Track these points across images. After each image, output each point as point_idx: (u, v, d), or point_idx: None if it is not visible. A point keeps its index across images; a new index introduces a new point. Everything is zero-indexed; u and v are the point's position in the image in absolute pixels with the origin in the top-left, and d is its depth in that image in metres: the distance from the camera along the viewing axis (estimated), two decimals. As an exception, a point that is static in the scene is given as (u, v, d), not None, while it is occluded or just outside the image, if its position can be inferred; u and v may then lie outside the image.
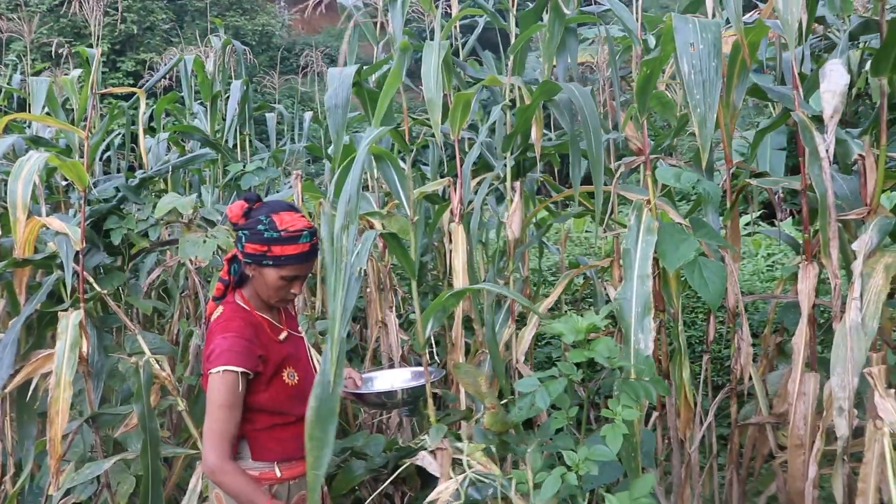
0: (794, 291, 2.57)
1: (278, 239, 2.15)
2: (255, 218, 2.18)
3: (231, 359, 2.08)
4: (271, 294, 2.23)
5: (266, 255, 2.15)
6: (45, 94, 3.61)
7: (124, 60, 15.71)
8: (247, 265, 2.22)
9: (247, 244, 2.17)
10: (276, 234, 2.15)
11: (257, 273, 2.21)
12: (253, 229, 2.16)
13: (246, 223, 2.19)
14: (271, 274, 2.18)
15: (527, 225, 2.93)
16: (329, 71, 2.66)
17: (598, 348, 1.82)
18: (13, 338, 2.69)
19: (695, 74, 1.91)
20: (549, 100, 2.63)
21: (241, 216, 2.21)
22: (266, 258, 2.16)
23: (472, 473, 1.87)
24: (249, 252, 2.17)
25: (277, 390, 2.20)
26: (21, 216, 2.38)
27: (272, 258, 2.16)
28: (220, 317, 2.23)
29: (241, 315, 2.23)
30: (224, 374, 2.07)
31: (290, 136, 5.23)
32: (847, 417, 1.97)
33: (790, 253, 5.46)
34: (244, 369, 2.09)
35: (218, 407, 2.08)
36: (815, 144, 2.09)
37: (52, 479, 2.56)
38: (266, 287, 2.21)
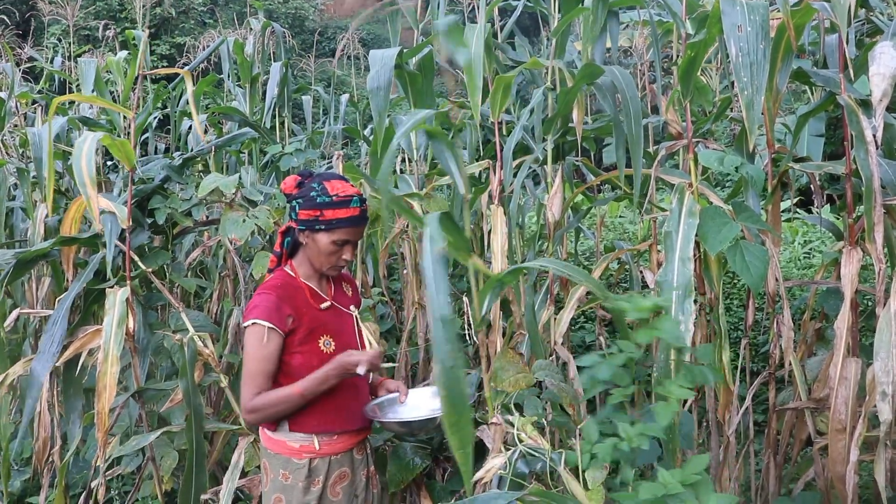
0: (835, 277, 2.56)
1: (330, 203, 2.25)
2: (307, 186, 2.29)
3: (260, 314, 2.21)
4: (323, 260, 2.32)
5: (318, 220, 2.25)
6: (94, 75, 3.67)
7: (159, 44, 15.83)
8: (300, 233, 2.32)
9: (300, 211, 2.27)
10: (327, 198, 2.25)
11: (310, 240, 2.30)
12: (306, 196, 2.27)
13: (299, 192, 2.30)
14: (323, 239, 2.28)
15: (566, 207, 2.93)
16: (371, 53, 2.68)
17: (664, 327, 1.82)
18: (63, 314, 2.77)
19: (742, 57, 1.90)
20: (591, 83, 2.63)
21: (295, 187, 2.32)
22: (319, 223, 2.26)
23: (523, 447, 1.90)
24: (303, 218, 2.27)
25: (311, 356, 2.28)
26: (92, 192, 2.43)
27: (324, 222, 2.25)
28: (265, 281, 2.37)
29: (282, 278, 2.35)
30: (253, 328, 2.22)
31: (326, 119, 5.26)
32: (890, 402, 1.97)
33: (827, 240, 5.40)
34: (270, 324, 2.20)
35: (250, 358, 2.23)
36: (861, 128, 2.08)
37: (100, 451, 2.63)
38: (318, 253, 2.30)
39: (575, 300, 2.76)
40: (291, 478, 2.26)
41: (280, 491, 2.27)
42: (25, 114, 4.68)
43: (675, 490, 1.64)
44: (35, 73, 7.21)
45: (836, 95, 2.26)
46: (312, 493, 2.26)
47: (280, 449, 2.29)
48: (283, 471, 2.27)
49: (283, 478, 2.27)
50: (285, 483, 2.26)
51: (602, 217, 4.40)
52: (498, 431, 2.06)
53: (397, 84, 3.06)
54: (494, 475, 1.89)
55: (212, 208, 3.63)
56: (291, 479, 2.26)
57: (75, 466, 3.72)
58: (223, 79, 4.83)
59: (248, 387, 2.22)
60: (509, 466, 1.88)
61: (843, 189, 2.35)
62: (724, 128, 6.50)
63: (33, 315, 3.49)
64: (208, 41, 5.84)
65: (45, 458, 3.21)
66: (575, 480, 1.84)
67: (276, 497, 2.28)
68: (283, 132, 4.41)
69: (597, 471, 1.83)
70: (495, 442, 2.06)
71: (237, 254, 3.66)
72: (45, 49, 6.71)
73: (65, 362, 2.87)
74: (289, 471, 2.26)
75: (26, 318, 3.80)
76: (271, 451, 2.31)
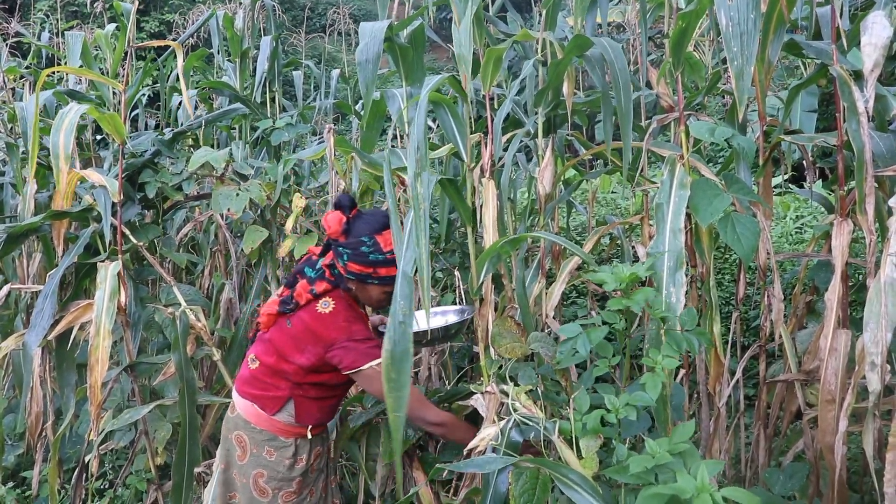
0: (826, 249, 2.56)
1: (384, 262, 2.18)
2: (356, 238, 2.19)
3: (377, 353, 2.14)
4: (374, 304, 2.33)
5: (371, 276, 2.20)
6: (81, 48, 3.63)
7: (148, 20, 15.68)
8: (349, 280, 2.26)
9: (350, 263, 2.19)
10: (381, 256, 2.18)
11: (359, 287, 2.27)
12: (356, 250, 2.19)
13: (347, 242, 2.20)
14: (375, 290, 2.26)
15: (558, 181, 2.93)
16: (361, 25, 2.65)
17: (636, 297, 1.83)
18: (53, 288, 2.76)
19: (732, 27, 1.89)
20: (581, 55, 2.61)
21: (342, 233, 2.21)
22: (371, 278, 2.21)
23: (517, 416, 1.91)
24: (353, 271, 2.21)
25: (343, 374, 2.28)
26: (63, 167, 2.43)
27: (377, 279, 2.21)
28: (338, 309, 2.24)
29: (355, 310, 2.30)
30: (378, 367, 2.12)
31: (317, 94, 5.23)
32: (879, 372, 1.98)
33: (819, 215, 5.41)
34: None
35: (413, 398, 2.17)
36: (853, 99, 2.07)
37: (93, 425, 2.64)
38: (369, 299, 2.30)
39: (566, 273, 2.76)
40: (276, 455, 2.28)
41: (262, 467, 2.29)
42: (14, 89, 4.65)
43: (664, 460, 1.65)
44: (23, 49, 7.14)
45: (828, 67, 2.26)
46: (297, 470, 2.30)
47: (267, 426, 2.30)
48: (268, 447, 2.29)
49: (267, 454, 2.29)
50: (269, 460, 2.29)
51: (594, 192, 4.40)
52: (492, 400, 2.07)
53: (389, 58, 3.03)
54: (488, 445, 1.90)
55: (202, 183, 3.61)
56: (276, 455, 2.28)
57: (69, 441, 3.73)
58: (213, 54, 4.79)
59: (425, 403, 2.27)
60: (503, 436, 1.89)
61: (835, 163, 2.35)
62: (717, 103, 6.49)
63: (24, 290, 3.47)
64: (198, 16, 5.79)
65: (39, 432, 3.21)
66: (569, 449, 1.85)
67: (258, 472, 2.29)
68: (275, 107, 4.39)
69: (591, 439, 1.85)
70: (489, 411, 2.07)
71: (228, 229, 3.65)
72: (33, 25, 6.64)
73: (57, 337, 2.86)
74: (274, 447, 2.29)
75: (18, 293, 3.79)
76: (257, 426, 2.31)
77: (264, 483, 2.29)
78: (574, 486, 1.65)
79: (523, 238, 2.20)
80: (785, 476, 2.44)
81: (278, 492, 2.29)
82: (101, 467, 3.73)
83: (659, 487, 1.59)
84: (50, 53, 5.16)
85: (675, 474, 1.62)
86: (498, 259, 2.27)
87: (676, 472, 1.62)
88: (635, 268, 1.91)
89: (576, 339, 1.83)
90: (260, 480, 2.29)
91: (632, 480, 1.68)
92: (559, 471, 1.70)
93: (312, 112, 4.63)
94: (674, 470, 1.64)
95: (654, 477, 1.67)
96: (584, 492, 1.64)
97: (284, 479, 2.29)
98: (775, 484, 2.42)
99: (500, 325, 2.31)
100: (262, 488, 2.29)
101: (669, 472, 1.66)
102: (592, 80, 2.86)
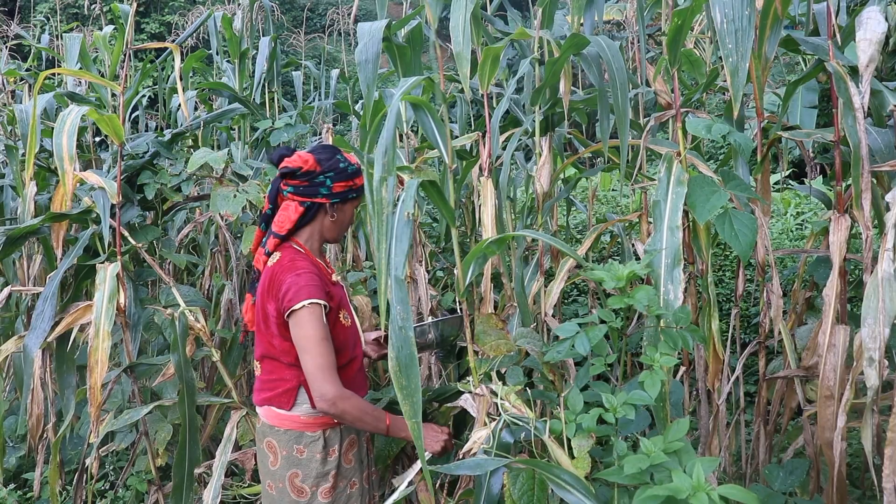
0: (825, 246, 2.56)
1: (357, 171, 2.34)
2: (332, 159, 2.33)
3: (312, 292, 2.17)
4: (342, 230, 2.42)
5: (352, 189, 2.33)
6: (79, 50, 3.64)
7: (148, 22, 15.71)
8: (332, 206, 2.34)
9: (336, 184, 2.31)
10: (354, 167, 2.33)
11: (339, 212, 2.36)
12: (337, 169, 2.31)
13: (325, 167, 2.31)
14: (350, 208, 2.39)
15: (556, 179, 2.93)
16: (359, 25, 2.65)
17: (637, 296, 1.83)
18: (53, 290, 2.77)
19: (727, 23, 1.89)
20: (578, 53, 2.61)
21: (315, 163, 2.31)
22: (352, 191, 2.34)
23: (507, 416, 1.91)
24: (339, 191, 2.32)
25: (337, 331, 2.28)
26: (68, 168, 2.44)
27: (356, 190, 2.35)
28: (282, 259, 2.30)
29: (303, 257, 2.32)
30: (311, 307, 2.16)
31: (316, 95, 5.23)
32: (877, 368, 1.98)
33: (819, 212, 5.41)
34: (324, 301, 2.19)
35: (317, 342, 2.16)
36: (849, 95, 2.07)
37: (93, 427, 2.64)
38: (342, 223, 2.40)
39: (565, 271, 2.76)
40: (307, 451, 2.25)
41: (296, 466, 2.25)
42: (14, 92, 4.66)
43: (659, 459, 1.65)
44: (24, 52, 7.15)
45: (824, 63, 2.26)
46: (330, 462, 2.27)
47: (291, 424, 2.26)
48: (298, 445, 2.25)
49: (297, 453, 2.25)
50: (300, 458, 2.25)
51: (594, 190, 4.40)
52: (482, 402, 2.06)
53: (388, 58, 3.04)
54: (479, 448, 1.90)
55: (202, 184, 3.62)
56: (307, 452, 2.25)
57: (71, 443, 3.74)
58: (213, 55, 4.80)
59: (330, 373, 2.14)
60: (494, 438, 1.88)
61: (833, 158, 2.35)
62: (717, 100, 6.49)
63: (25, 293, 3.49)
64: (197, 18, 5.79)
65: (40, 434, 3.22)
66: (560, 449, 1.85)
67: (293, 473, 2.25)
68: (274, 108, 4.39)
69: (583, 439, 1.84)
70: (479, 413, 2.06)
71: (228, 229, 3.66)
72: (33, 27, 6.65)
73: (57, 339, 2.87)
74: (303, 444, 2.25)
75: (19, 295, 3.81)
76: (280, 427, 2.27)
77: (300, 482, 2.25)
78: (566, 487, 1.65)
79: (509, 237, 2.20)
80: (785, 472, 2.44)
81: (316, 489, 2.25)
82: (103, 468, 3.73)
83: (655, 488, 1.58)
84: (50, 56, 5.16)
85: (671, 473, 1.62)
86: (485, 259, 2.26)
87: (672, 472, 1.62)
88: (632, 265, 1.91)
89: (574, 338, 1.83)
90: (296, 480, 2.25)
91: (627, 481, 1.68)
92: (551, 471, 1.70)
93: (312, 112, 4.63)
94: (669, 469, 1.64)
95: (650, 476, 1.67)
96: (577, 492, 1.64)
97: (320, 474, 2.25)
98: (775, 480, 2.42)
99: (485, 323, 2.30)
100: (299, 488, 2.25)
101: (665, 471, 1.66)
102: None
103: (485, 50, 2.54)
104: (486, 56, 2.55)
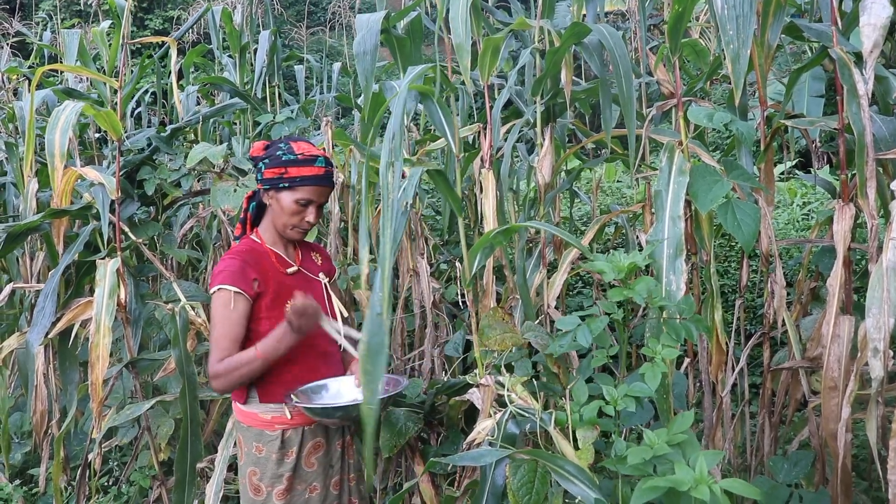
0: (830, 235, 2.53)
1: (294, 161, 2.24)
2: (274, 147, 2.30)
3: (225, 278, 2.18)
4: (286, 221, 2.28)
5: (283, 178, 2.24)
6: (77, 46, 3.63)
7: (152, 18, 15.71)
8: (265, 193, 2.30)
9: (266, 171, 2.26)
10: (293, 156, 2.25)
11: (274, 200, 2.28)
12: (272, 156, 2.27)
13: (266, 154, 2.30)
14: (286, 198, 2.25)
15: (557, 170, 2.90)
16: (357, 17, 2.64)
17: (637, 287, 1.81)
18: (54, 286, 2.76)
19: (728, 9, 1.87)
20: (579, 42, 2.58)
21: (262, 149, 2.32)
22: (283, 180, 2.24)
23: (513, 408, 1.90)
24: (268, 177, 2.26)
25: (278, 321, 2.19)
26: (59, 165, 2.43)
27: (288, 180, 2.24)
28: (230, 248, 2.34)
29: (247, 244, 2.32)
30: (219, 293, 2.18)
31: (319, 89, 5.21)
32: (882, 359, 1.95)
33: (826, 202, 5.36)
34: (237, 288, 2.17)
35: (216, 323, 2.17)
36: (853, 82, 2.03)
37: (95, 422, 2.64)
38: (282, 213, 2.27)
39: (567, 263, 2.74)
40: (265, 450, 2.23)
41: (254, 464, 2.25)
42: (16, 89, 4.65)
43: (662, 451, 1.63)
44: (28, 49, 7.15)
45: (828, 50, 2.22)
46: (286, 464, 2.23)
47: (252, 422, 2.26)
48: (257, 444, 2.24)
49: (256, 451, 2.24)
50: (259, 456, 2.24)
51: (598, 181, 4.37)
52: (488, 393, 2.05)
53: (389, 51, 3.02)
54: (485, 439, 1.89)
55: (204, 179, 3.61)
56: (265, 451, 2.23)
57: (75, 438, 3.74)
58: (214, 49, 4.78)
59: (214, 352, 2.16)
60: (499, 430, 1.87)
61: (837, 147, 2.32)
62: (723, 90, 6.44)
63: (28, 289, 3.48)
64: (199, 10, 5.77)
65: (44, 430, 3.22)
66: (565, 440, 1.84)
67: (251, 471, 2.25)
68: (276, 102, 4.38)
69: (587, 430, 1.83)
70: (485, 404, 2.05)
71: (230, 224, 3.64)
72: (35, 24, 6.65)
73: (59, 335, 2.87)
74: (262, 443, 2.24)
75: (22, 292, 3.81)
76: (244, 424, 2.28)
77: (257, 481, 2.24)
78: (570, 478, 1.64)
79: (515, 228, 2.18)
80: (790, 464, 2.42)
81: (272, 489, 2.23)
82: (106, 464, 3.74)
83: (656, 479, 1.57)
84: (52, 53, 5.15)
85: (674, 465, 1.60)
86: (491, 250, 2.25)
87: (675, 464, 1.60)
88: (633, 256, 1.89)
89: (576, 331, 1.81)
90: (254, 479, 2.24)
91: (630, 472, 1.66)
92: (555, 462, 1.69)
93: (314, 106, 4.61)
94: (672, 461, 1.63)
95: (653, 468, 1.66)
96: (580, 483, 1.63)
97: (274, 475, 2.22)
98: (780, 472, 2.40)
99: (490, 318, 2.28)
100: (256, 486, 2.24)
101: (668, 463, 1.64)
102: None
103: (485, 41, 2.52)
104: (486, 47, 2.53)
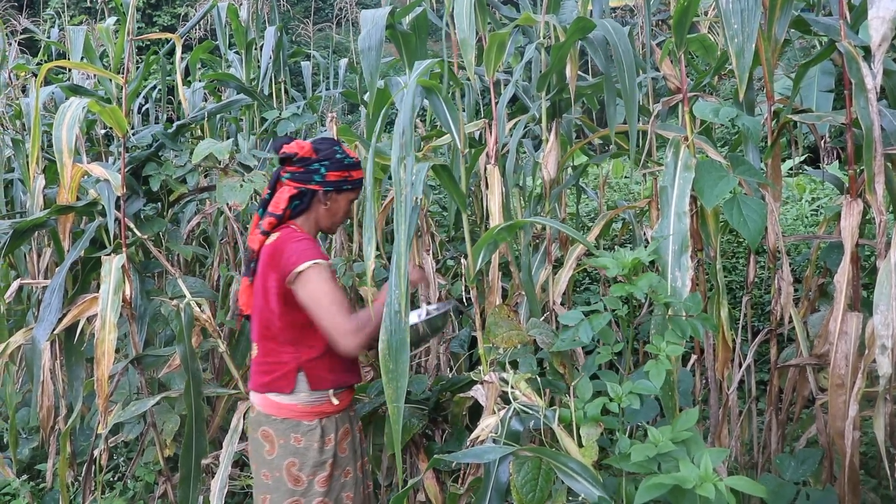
0: (838, 231, 2.51)
1: (354, 164, 2.38)
2: (328, 149, 2.36)
3: (315, 254, 2.24)
4: (337, 220, 2.44)
5: (347, 181, 2.37)
6: (83, 42, 3.63)
7: (160, 15, 15.71)
8: (325, 194, 2.37)
9: (329, 173, 2.34)
10: (351, 160, 2.38)
11: (332, 201, 2.38)
12: (332, 158, 2.35)
13: (321, 155, 2.36)
14: (344, 199, 2.40)
15: (563, 166, 2.89)
16: (362, 13, 2.63)
17: (640, 283, 1.80)
18: (60, 282, 2.77)
19: (732, 3, 1.85)
20: (584, 37, 2.57)
21: (313, 150, 2.36)
22: (347, 182, 2.37)
23: (517, 404, 1.89)
24: (332, 180, 2.35)
25: None
26: (67, 161, 2.44)
27: (351, 182, 2.38)
28: (282, 235, 2.33)
29: (303, 233, 2.36)
30: (315, 267, 2.21)
31: (325, 85, 5.21)
32: (890, 356, 1.94)
33: (835, 197, 5.33)
34: (326, 262, 2.24)
35: (325, 293, 2.20)
36: (861, 76, 2.02)
37: (101, 418, 2.64)
38: (336, 213, 2.41)
39: (573, 259, 2.73)
40: (304, 440, 2.26)
41: (293, 455, 2.26)
42: (25, 86, 4.66)
43: (667, 448, 1.62)
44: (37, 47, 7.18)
45: (836, 43, 2.20)
46: (327, 451, 2.29)
47: (288, 413, 2.28)
48: (295, 434, 2.26)
49: (295, 442, 2.26)
50: (298, 447, 2.26)
51: (605, 177, 4.35)
52: (491, 390, 2.04)
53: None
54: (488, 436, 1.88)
55: (211, 175, 3.61)
56: (304, 441, 2.26)
57: (82, 434, 3.76)
58: (221, 46, 4.78)
59: (338, 315, 2.18)
60: (502, 427, 1.86)
61: (845, 142, 2.30)
62: (731, 85, 6.40)
63: (35, 286, 3.50)
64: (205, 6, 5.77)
65: (51, 426, 3.23)
66: (569, 437, 1.83)
67: (290, 462, 2.26)
68: (282, 98, 4.37)
69: (591, 427, 1.82)
70: (489, 400, 2.04)
71: (236, 220, 3.65)
72: (44, 22, 6.66)
73: (66, 331, 2.87)
74: (301, 433, 2.26)
75: (30, 288, 3.82)
76: (277, 416, 2.29)
77: (297, 471, 2.26)
78: (574, 475, 1.63)
79: (519, 224, 2.17)
80: (797, 461, 2.41)
81: (313, 478, 2.27)
82: (112, 460, 3.75)
83: (661, 477, 1.56)
84: (60, 50, 5.16)
85: (678, 463, 1.59)
86: (496, 246, 2.24)
87: (679, 461, 1.59)
88: (638, 252, 1.87)
89: (578, 327, 1.80)
90: (293, 469, 2.26)
91: (634, 469, 1.65)
92: (559, 459, 1.68)
93: (320, 102, 4.61)
94: (677, 458, 1.61)
95: (658, 466, 1.65)
96: (584, 480, 1.62)
97: (317, 463, 2.27)
98: (787, 470, 2.39)
99: (497, 315, 2.27)
100: (296, 477, 2.26)
101: (673, 460, 1.63)
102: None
103: (490, 36, 2.51)
104: (491, 42, 2.52)
